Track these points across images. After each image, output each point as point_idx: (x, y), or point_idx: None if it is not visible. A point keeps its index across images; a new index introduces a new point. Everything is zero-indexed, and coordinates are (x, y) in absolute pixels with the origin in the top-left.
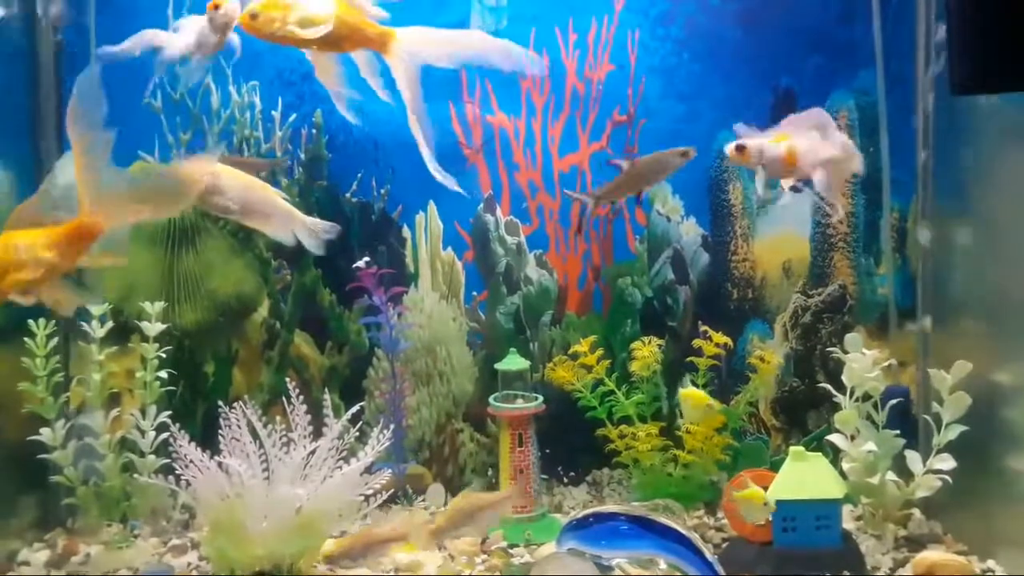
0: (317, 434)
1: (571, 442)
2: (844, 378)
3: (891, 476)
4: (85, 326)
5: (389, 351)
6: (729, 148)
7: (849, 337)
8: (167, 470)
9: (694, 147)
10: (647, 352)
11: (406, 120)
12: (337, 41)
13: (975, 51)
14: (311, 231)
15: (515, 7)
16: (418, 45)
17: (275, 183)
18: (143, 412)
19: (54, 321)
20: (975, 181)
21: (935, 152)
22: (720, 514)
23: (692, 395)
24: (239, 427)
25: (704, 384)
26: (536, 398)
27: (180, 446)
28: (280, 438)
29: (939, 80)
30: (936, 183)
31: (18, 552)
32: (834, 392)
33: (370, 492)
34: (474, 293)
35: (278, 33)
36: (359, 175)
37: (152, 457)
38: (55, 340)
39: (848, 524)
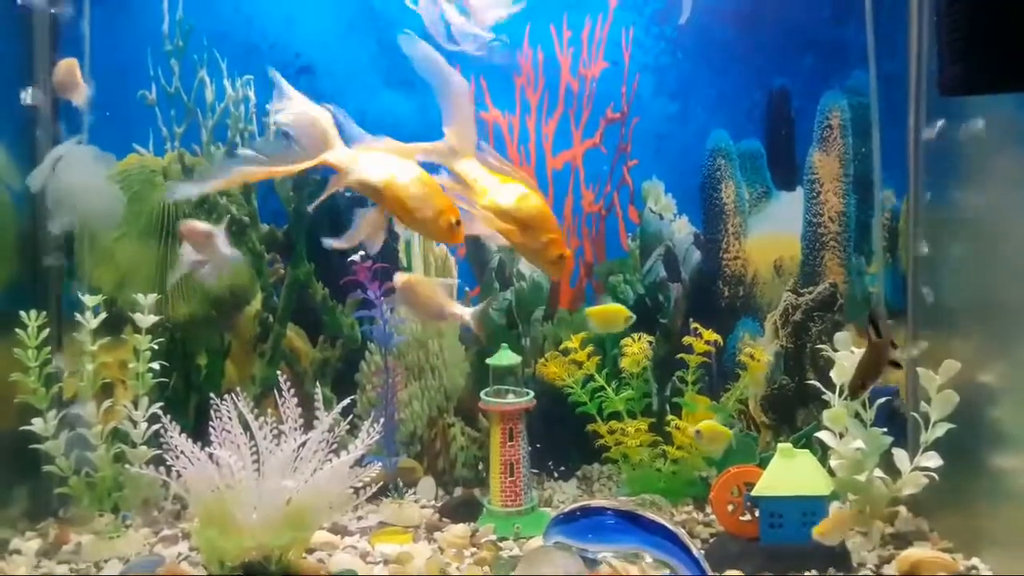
0: (309, 427)
1: (561, 437)
2: (833, 376)
3: (878, 473)
4: (79, 317)
5: (382, 345)
6: None
7: (839, 335)
8: (159, 461)
9: None
10: (637, 349)
11: (401, 117)
12: None
13: (963, 53)
14: None
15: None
16: None
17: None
18: (135, 403)
19: (45, 312)
20: (965, 182)
21: (926, 153)
22: (708, 510)
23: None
24: (230, 419)
25: (694, 381)
26: (527, 393)
27: (171, 437)
28: (271, 430)
29: (931, 81)
30: (927, 184)
31: (9, 541)
32: (823, 390)
33: (360, 485)
34: (467, 288)
35: None
36: None
37: (144, 448)
38: (47, 331)
39: None
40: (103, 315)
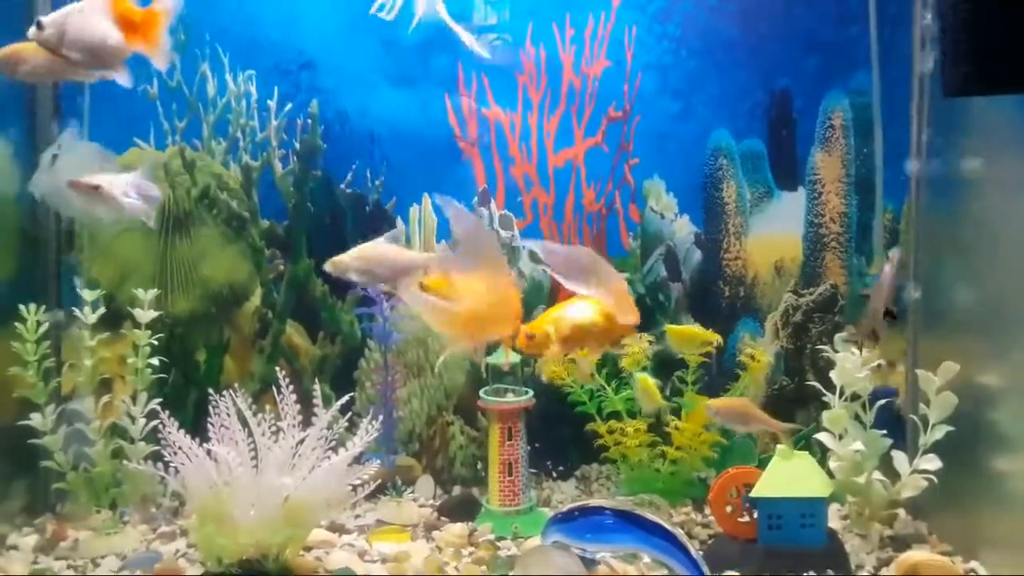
0: (307, 424)
1: (560, 437)
2: (833, 377)
3: (877, 476)
4: (77, 312)
5: (382, 342)
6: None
7: (839, 336)
8: (157, 457)
9: None
10: (637, 348)
11: (403, 113)
12: None
13: (967, 54)
14: None
15: (515, 1)
16: None
17: (269, 170)
18: (134, 399)
19: (44, 307)
20: (967, 183)
21: (928, 154)
22: (707, 510)
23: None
24: (229, 415)
25: (694, 381)
26: (526, 392)
27: (169, 433)
28: (269, 427)
29: (934, 82)
30: (929, 185)
31: (7, 536)
32: (823, 391)
33: (358, 483)
34: None
35: None
36: (354, 166)
37: (142, 444)
38: (46, 325)
39: (834, 523)
40: (102, 310)
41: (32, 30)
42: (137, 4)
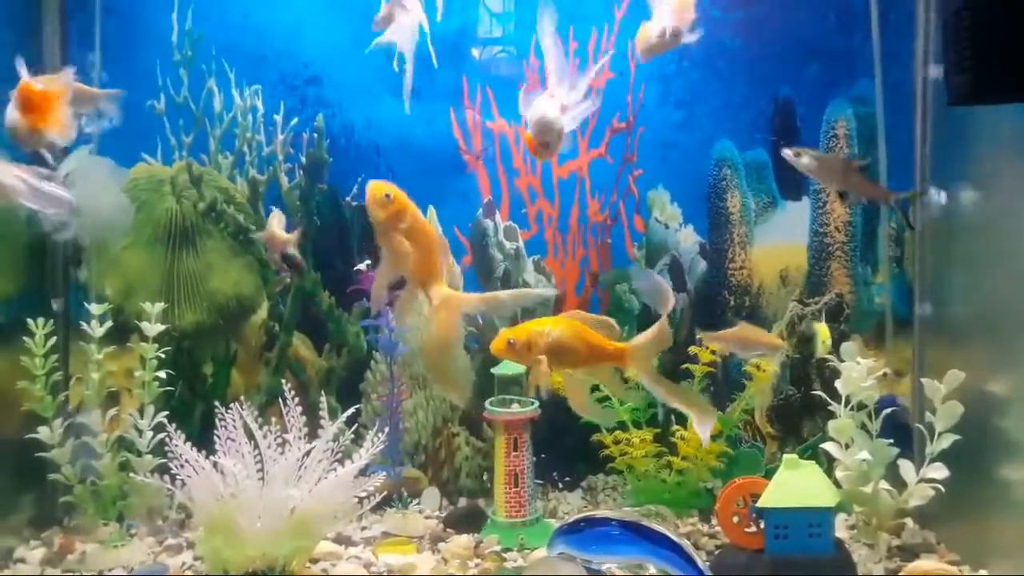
0: (314, 436)
1: (566, 447)
2: (839, 387)
3: (884, 485)
4: (85, 325)
5: (387, 354)
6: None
7: (845, 346)
8: (164, 470)
9: None
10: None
11: (408, 125)
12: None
13: (971, 62)
14: None
15: (519, 14)
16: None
17: (276, 184)
18: (141, 412)
19: (52, 320)
20: (972, 191)
21: (932, 162)
22: (714, 521)
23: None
24: (235, 428)
25: (700, 391)
26: (532, 403)
27: (176, 446)
28: (276, 439)
29: (937, 90)
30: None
31: (14, 549)
32: (829, 400)
33: (364, 495)
34: None
35: None
36: (360, 179)
37: (149, 456)
38: (54, 339)
39: (842, 533)
40: (109, 323)
41: None
42: (38, 86)
